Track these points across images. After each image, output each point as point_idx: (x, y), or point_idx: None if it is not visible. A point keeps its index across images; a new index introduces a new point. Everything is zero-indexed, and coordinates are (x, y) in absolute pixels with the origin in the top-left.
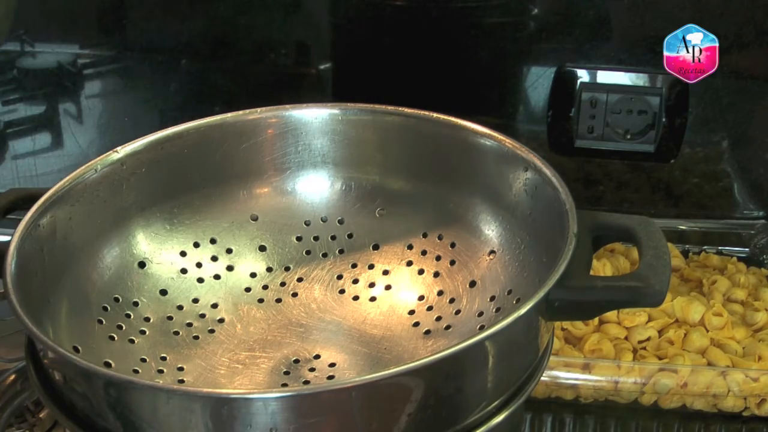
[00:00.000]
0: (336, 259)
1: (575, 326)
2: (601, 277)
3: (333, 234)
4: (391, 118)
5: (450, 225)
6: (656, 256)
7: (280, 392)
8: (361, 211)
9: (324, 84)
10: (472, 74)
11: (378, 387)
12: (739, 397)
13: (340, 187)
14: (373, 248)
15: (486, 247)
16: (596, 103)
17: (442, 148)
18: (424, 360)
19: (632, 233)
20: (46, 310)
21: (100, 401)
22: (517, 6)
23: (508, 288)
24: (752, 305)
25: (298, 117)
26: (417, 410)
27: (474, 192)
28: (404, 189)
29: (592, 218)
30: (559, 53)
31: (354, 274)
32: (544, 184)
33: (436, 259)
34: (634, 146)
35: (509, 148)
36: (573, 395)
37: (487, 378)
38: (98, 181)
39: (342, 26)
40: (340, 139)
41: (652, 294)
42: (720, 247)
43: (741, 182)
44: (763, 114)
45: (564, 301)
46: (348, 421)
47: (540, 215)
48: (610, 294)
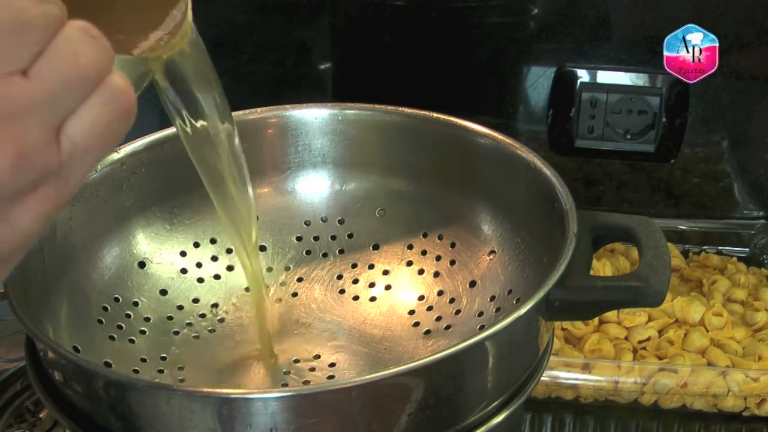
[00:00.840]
0: (336, 259)
1: (575, 326)
2: (601, 277)
3: (333, 234)
4: (391, 118)
5: (450, 225)
6: (656, 256)
7: (280, 392)
8: (361, 211)
9: (324, 84)
10: (472, 74)
11: (378, 387)
12: (739, 397)
13: (340, 187)
14: (373, 248)
15: (486, 247)
16: (596, 103)
17: (442, 148)
18: (423, 360)
19: (632, 233)
20: (46, 310)
21: (100, 401)
22: (517, 6)
23: (508, 288)
24: (752, 305)
25: (298, 117)
26: (417, 410)
27: (474, 192)
28: (404, 189)
29: (592, 218)
30: (559, 53)
31: (354, 274)
32: (544, 184)
33: (436, 259)
34: (634, 146)
35: (509, 148)
36: (573, 395)
37: (487, 378)
38: (98, 181)
39: (342, 26)
40: (340, 139)
41: (652, 294)
42: (720, 247)
43: (741, 182)
44: (763, 114)
45: (564, 301)
46: (348, 421)
47: (540, 215)
48: (610, 294)
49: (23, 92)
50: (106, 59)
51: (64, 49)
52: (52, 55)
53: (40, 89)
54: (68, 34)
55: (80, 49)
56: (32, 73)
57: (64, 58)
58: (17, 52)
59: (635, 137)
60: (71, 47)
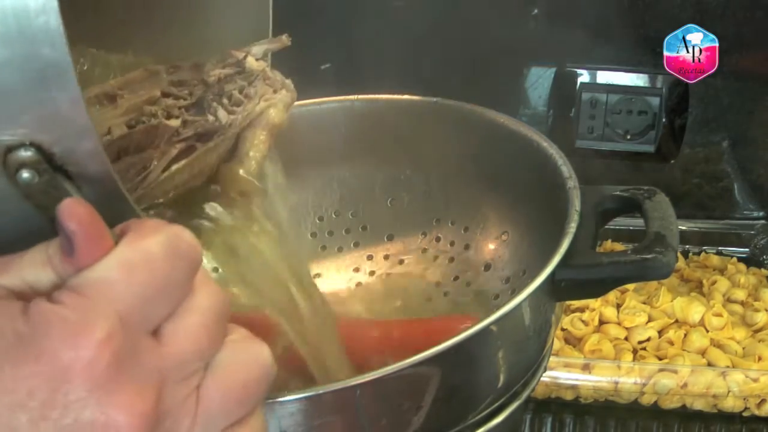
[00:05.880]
0: (352, 253)
1: (575, 326)
2: (607, 254)
3: (347, 228)
4: (396, 106)
5: (461, 209)
6: (663, 227)
7: (284, 396)
8: (373, 203)
9: (324, 84)
10: (472, 74)
11: (382, 383)
12: (739, 398)
13: (350, 180)
14: (387, 239)
15: (498, 229)
16: (596, 103)
17: (448, 132)
18: (428, 352)
19: (638, 204)
20: None
21: None
22: (517, 6)
23: (522, 269)
24: (752, 305)
25: (304, 112)
26: (418, 409)
27: (482, 174)
28: (413, 177)
29: (598, 193)
30: (559, 53)
31: (370, 266)
32: (549, 163)
33: (451, 245)
34: (634, 146)
35: (514, 128)
36: (573, 395)
37: (494, 368)
38: None
39: (344, 24)
40: (347, 132)
41: (659, 267)
42: (720, 248)
43: (741, 182)
44: (763, 114)
45: (570, 280)
46: (353, 420)
47: (548, 194)
48: (617, 270)
49: (157, 353)
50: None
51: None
52: (183, 315)
53: (174, 351)
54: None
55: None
56: (164, 333)
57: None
58: (161, 311)
59: (635, 137)
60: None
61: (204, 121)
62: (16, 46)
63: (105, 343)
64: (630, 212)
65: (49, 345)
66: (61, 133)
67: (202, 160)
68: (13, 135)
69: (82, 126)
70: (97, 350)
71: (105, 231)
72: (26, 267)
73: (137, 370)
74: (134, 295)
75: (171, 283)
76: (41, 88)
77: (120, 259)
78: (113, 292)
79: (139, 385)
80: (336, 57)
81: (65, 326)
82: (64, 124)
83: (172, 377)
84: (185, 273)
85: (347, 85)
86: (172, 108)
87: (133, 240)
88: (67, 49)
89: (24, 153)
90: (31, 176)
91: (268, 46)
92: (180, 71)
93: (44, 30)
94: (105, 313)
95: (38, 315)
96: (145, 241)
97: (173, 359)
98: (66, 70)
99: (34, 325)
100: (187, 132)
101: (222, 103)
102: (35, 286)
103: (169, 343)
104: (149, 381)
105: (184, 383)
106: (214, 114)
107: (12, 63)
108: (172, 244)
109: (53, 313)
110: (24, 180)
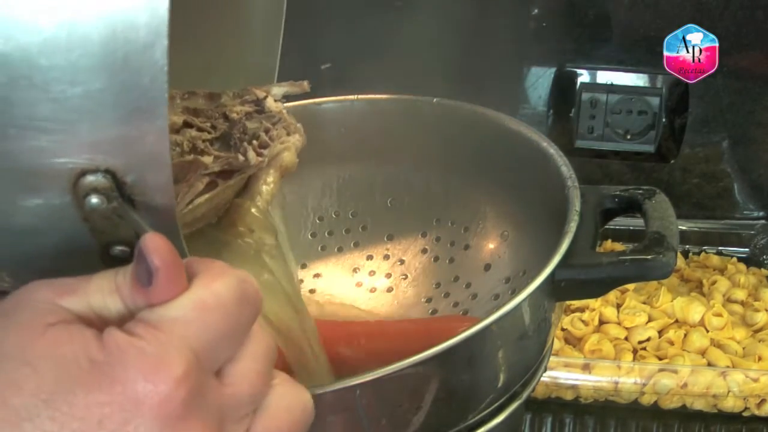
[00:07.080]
0: (351, 253)
1: (575, 326)
2: (607, 254)
3: (347, 228)
4: (396, 106)
5: (461, 209)
6: (663, 227)
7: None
8: (373, 203)
9: (324, 84)
10: (471, 74)
11: (382, 383)
12: (739, 398)
13: (350, 180)
14: (387, 239)
15: (498, 229)
16: (596, 103)
17: (446, 132)
18: (428, 352)
19: (638, 204)
20: None
21: None
22: (517, 6)
23: (522, 269)
24: (752, 305)
25: (302, 113)
26: (416, 411)
27: (482, 174)
28: (413, 177)
29: (598, 193)
30: (559, 53)
31: (370, 266)
32: (549, 163)
33: (451, 245)
34: (634, 146)
35: (514, 128)
36: (573, 395)
37: (497, 364)
38: None
39: (344, 24)
40: (346, 132)
41: (659, 267)
42: (720, 248)
43: (741, 182)
44: (763, 114)
45: (570, 280)
46: (353, 420)
47: (548, 194)
48: (617, 270)
49: (220, 393)
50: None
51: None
52: (242, 358)
53: (234, 393)
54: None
55: None
56: (226, 374)
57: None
58: (226, 353)
59: (635, 137)
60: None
61: (233, 159)
62: (118, 75)
63: (182, 381)
64: (630, 212)
65: (126, 376)
66: (137, 162)
67: (221, 196)
68: (90, 159)
69: (160, 157)
70: (174, 387)
71: (183, 270)
72: (93, 292)
73: (204, 409)
74: (207, 336)
75: (238, 327)
76: (131, 117)
77: (195, 299)
78: (189, 331)
79: (204, 424)
80: (336, 57)
81: (143, 359)
82: (143, 154)
83: (230, 418)
84: (249, 318)
85: (347, 85)
86: (197, 140)
87: (207, 282)
88: (166, 84)
89: (97, 178)
90: (99, 202)
91: (289, 89)
92: (195, 98)
93: (150, 63)
94: (182, 351)
95: (114, 344)
96: (216, 283)
97: (233, 401)
98: (160, 103)
99: (110, 353)
100: (215, 167)
101: (252, 144)
102: (101, 313)
103: (231, 384)
104: (213, 421)
105: (239, 425)
106: (245, 154)
107: (109, 90)
108: (241, 288)
109: (130, 344)
110: (92, 205)
